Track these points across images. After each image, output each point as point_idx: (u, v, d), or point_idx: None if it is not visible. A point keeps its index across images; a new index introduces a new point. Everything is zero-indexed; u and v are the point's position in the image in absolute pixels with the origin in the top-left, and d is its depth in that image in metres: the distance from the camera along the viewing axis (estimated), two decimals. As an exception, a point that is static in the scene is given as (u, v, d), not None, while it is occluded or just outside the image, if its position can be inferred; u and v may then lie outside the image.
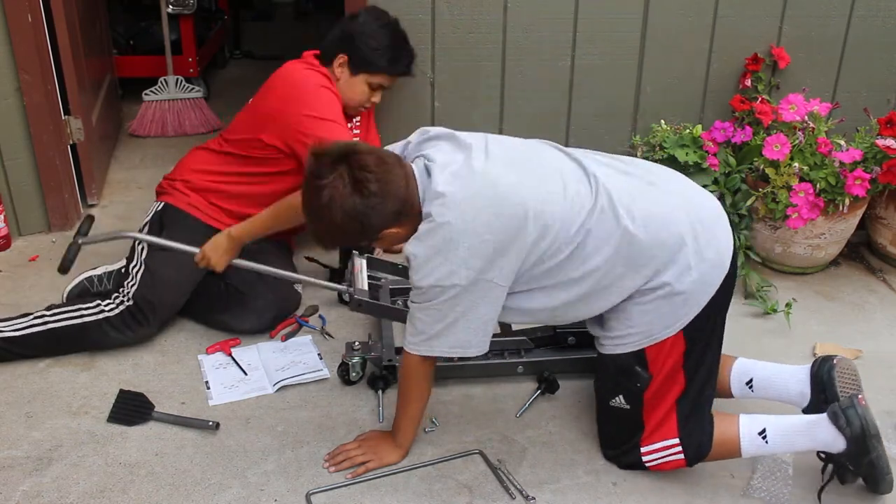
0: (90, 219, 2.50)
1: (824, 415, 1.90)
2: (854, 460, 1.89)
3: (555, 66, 2.99)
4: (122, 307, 2.43)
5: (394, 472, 2.04)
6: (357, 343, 2.34)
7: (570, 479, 2.05)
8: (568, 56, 2.97)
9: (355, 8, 2.87)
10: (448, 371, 2.34)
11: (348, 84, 2.60)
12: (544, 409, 2.28)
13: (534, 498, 1.98)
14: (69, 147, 3.15)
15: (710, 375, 1.99)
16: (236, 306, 2.50)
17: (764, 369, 2.12)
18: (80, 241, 2.35)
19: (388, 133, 3.05)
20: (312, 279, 2.49)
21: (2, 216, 2.98)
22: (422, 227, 1.82)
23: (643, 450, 2.01)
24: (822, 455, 1.96)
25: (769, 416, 1.97)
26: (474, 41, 2.93)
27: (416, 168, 1.88)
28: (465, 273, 1.79)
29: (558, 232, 1.83)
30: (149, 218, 2.64)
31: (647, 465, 2.02)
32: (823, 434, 1.89)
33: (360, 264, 2.49)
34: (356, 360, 2.32)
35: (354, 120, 2.75)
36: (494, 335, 2.42)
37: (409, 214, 1.84)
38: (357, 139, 2.76)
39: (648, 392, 1.96)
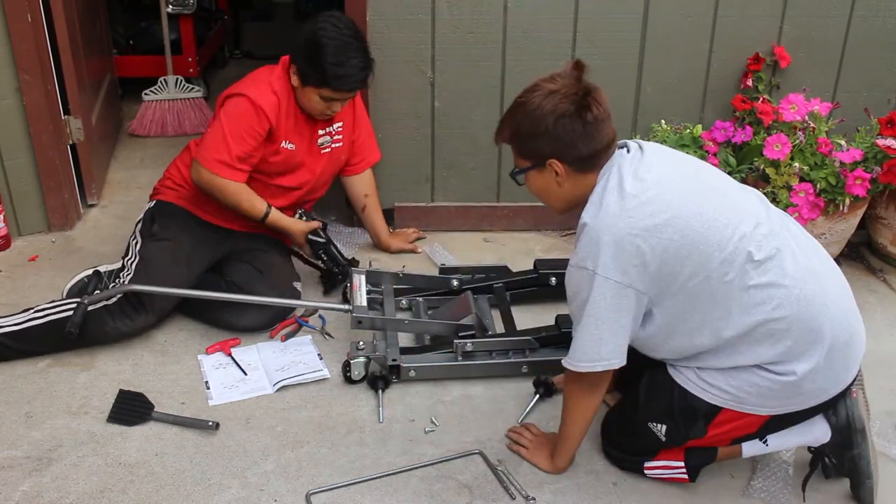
0: (98, 275, 2.63)
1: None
2: (837, 453, 1.90)
3: (555, 66, 2.91)
4: (119, 296, 2.43)
5: (394, 473, 2.04)
6: (361, 343, 2.34)
7: (570, 479, 2.04)
8: (568, 56, 2.97)
9: (356, 8, 2.87)
10: (453, 371, 2.35)
11: (302, 94, 2.54)
12: (545, 410, 2.28)
13: (534, 498, 1.98)
14: (69, 147, 3.15)
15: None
16: (237, 303, 2.50)
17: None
18: (86, 302, 2.35)
19: (387, 134, 3.05)
20: (315, 303, 2.53)
21: (2, 216, 2.98)
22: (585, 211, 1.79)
23: (647, 464, 2.01)
24: (812, 448, 1.98)
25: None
26: (474, 41, 2.93)
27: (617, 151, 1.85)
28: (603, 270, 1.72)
29: (714, 267, 1.72)
30: (141, 216, 2.68)
31: (649, 475, 2.02)
32: (817, 430, 1.91)
33: (359, 281, 2.49)
34: (360, 359, 2.32)
35: (335, 125, 2.71)
36: (499, 335, 2.44)
37: (583, 172, 1.80)
38: (338, 145, 2.75)
39: (693, 442, 1.91)
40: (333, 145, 2.73)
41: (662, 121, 2.97)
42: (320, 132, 2.67)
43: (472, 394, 2.33)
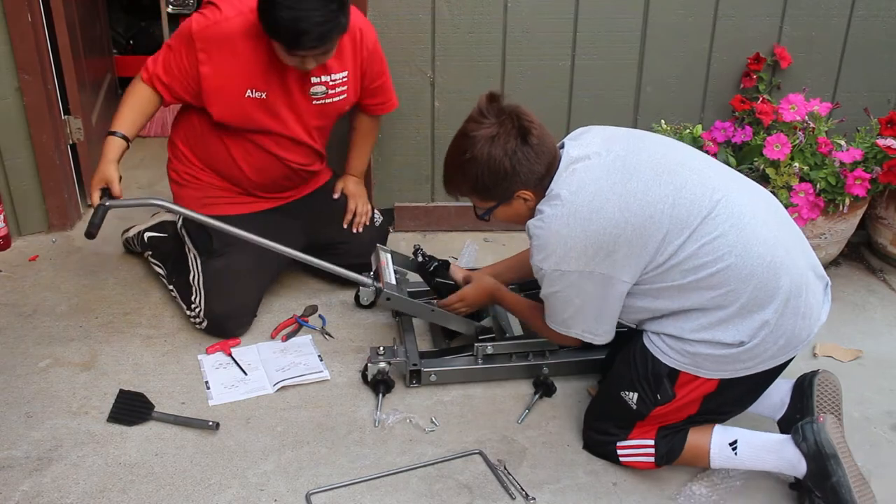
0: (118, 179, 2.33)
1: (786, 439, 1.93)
2: (817, 484, 1.87)
3: (555, 66, 2.99)
4: (202, 325, 2.51)
5: (394, 473, 2.04)
6: (382, 348, 2.32)
7: (570, 479, 2.05)
8: (568, 56, 2.97)
9: (355, 8, 2.87)
10: (474, 374, 2.35)
11: (270, 42, 2.28)
12: (544, 410, 2.28)
13: (534, 498, 1.98)
14: (69, 147, 3.15)
15: (718, 414, 1.99)
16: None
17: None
18: (106, 204, 2.22)
19: (387, 134, 3.05)
20: (340, 269, 2.39)
21: (2, 216, 2.98)
22: (536, 218, 1.93)
23: (619, 444, 2.04)
24: (794, 482, 1.97)
25: (742, 430, 1.99)
26: (474, 41, 2.93)
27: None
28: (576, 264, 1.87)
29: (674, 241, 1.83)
30: (181, 224, 2.70)
31: (621, 459, 2.04)
32: (790, 453, 1.90)
33: (386, 259, 2.48)
34: (381, 365, 2.30)
35: (337, 75, 2.45)
36: (518, 338, 2.44)
37: (544, 185, 1.92)
38: (340, 98, 2.53)
39: (662, 409, 1.96)
40: (333, 99, 2.49)
41: (662, 121, 2.97)
42: (313, 80, 2.42)
43: (472, 394, 2.33)
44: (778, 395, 2.06)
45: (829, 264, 3.01)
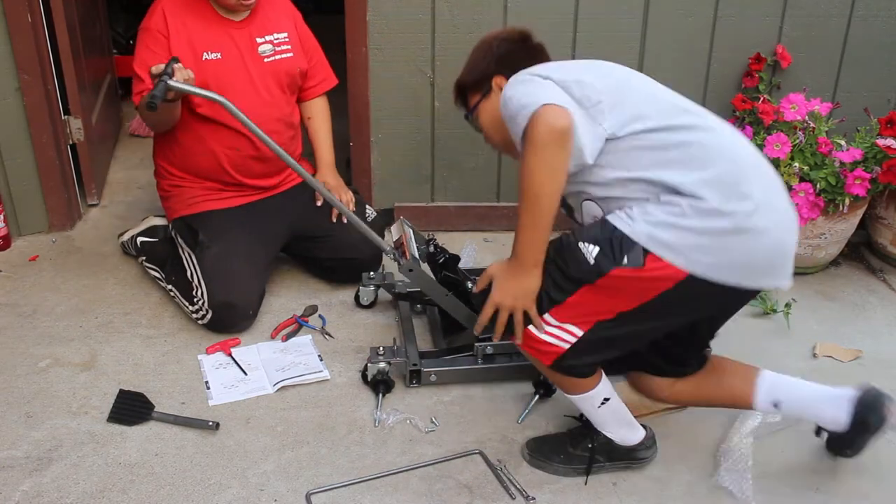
0: (175, 59, 2.25)
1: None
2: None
3: (555, 66, 2.98)
4: (206, 318, 2.51)
5: (394, 473, 2.04)
6: (382, 348, 2.33)
7: (570, 479, 2.04)
8: (568, 56, 2.97)
9: (355, 8, 2.87)
10: (474, 374, 2.35)
11: None
12: (544, 410, 2.28)
13: (534, 498, 1.98)
14: (69, 147, 3.15)
15: (661, 317, 1.78)
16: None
17: (793, 392, 1.99)
18: (168, 81, 2.15)
19: (387, 134, 3.05)
20: (367, 228, 2.34)
21: (2, 216, 2.98)
22: None
23: (546, 317, 1.81)
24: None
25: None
26: (474, 41, 2.90)
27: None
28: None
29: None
30: (172, 230, 2.74)
31: (538, 337, 1.83)
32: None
33: (409, 232, 2.48)
34: (381, 365, 2.30)
35: (277, 35, 2.61)
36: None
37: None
38: (287, 55, 2.63)
39: (620, 272, 1.70)
40: (281, 56, 2.62)
41: (662, 121, 2.97)
42: (259, 39, 2.58)
43: (472, 394, 2.33)
44: (830, 411, 1.95)
45: (829, 264, 3.01)
